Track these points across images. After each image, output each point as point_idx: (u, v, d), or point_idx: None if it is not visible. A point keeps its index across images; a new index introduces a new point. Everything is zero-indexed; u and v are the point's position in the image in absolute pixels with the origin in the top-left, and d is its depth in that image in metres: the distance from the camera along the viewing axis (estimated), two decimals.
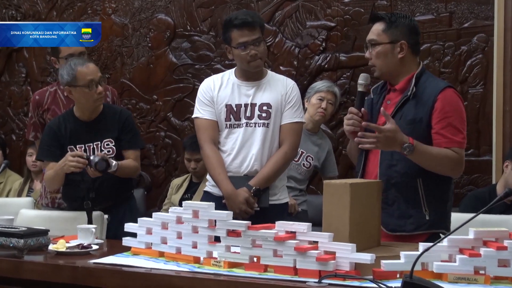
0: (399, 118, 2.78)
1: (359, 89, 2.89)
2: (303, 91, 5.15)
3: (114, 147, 3.51)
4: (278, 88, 3.34)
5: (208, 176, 3.40)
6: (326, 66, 5.22)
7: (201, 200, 3.41)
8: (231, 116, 3.30)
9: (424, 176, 2.75)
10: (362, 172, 2.90)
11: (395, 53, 2.83)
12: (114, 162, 3.37)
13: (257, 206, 3.21)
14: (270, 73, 3.42)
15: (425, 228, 2.76)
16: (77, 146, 3.49)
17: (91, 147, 3.50)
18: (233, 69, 3.41)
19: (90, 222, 3.30)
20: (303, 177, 4.29)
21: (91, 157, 3.29)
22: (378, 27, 2.87)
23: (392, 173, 2.79)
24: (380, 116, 2.84)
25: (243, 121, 3.30)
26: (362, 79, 2.88)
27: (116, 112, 3.60)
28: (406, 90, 2.82)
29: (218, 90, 3.34)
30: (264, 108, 3.29)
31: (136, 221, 2.58)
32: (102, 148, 3.49)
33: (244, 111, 3.30)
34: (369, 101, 2.94)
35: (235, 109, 3.31)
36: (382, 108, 2.74)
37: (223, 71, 3.52)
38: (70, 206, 3.60)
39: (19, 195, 5.45)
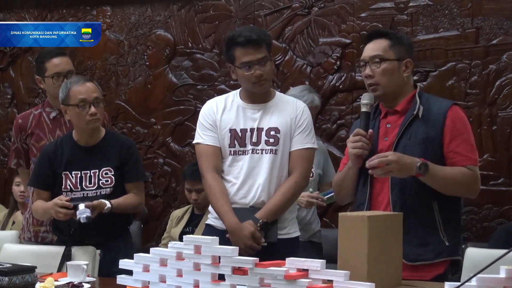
0: (408, 138, 2.87)
1: (363, 109, 2.96)
2: (316, 114, 5.17)
3: (113, 177, 3.54)
4: (287, 111, 3.34)
5: (210, 208, 3.39)
6: (340, 86, 5.24)
7: (203, 234, 3.40)
8: (236, 142, 3.30)
9: (439, 198, 2.83)
10: (368, 203, 2.93)
11: (400, 71, 2.94)
12: (107, 206, 3.42)
13: (264, 241, 3.20)
14: (278, 95, 3.42)
15: (446, 254, 2.83)
16: (73, 172, 3.52)
17: (88, 174, 3.52)
18: (238, 90, 3.42)
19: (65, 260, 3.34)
20: (313, 188, 4.28)
21: (78, 211, 3.33)
22: (382, 43, 2.95)
23: (406, 198, 2.84)
24: (380, 142, 2.93)
25: (249, 147, 3.30)
26: (366, 98, 2.96)
27: (119, 140, 3.65)
28: (409, 110, 2.91)
29: (221, 113, 3.34)
30: (272, 133, 3.30)
31: (131, 258, 2.58)
32: (100, 177, 3.52)
33: (250, 136, 3.30)
34: None
35: (240, 134, 3.31)
36: (367, 163, 2.80)
37: (227, 92, 3.54)
38: (59, 239, 3.61)
39: (3, 228, 5.44)
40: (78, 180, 3.52)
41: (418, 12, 5.04)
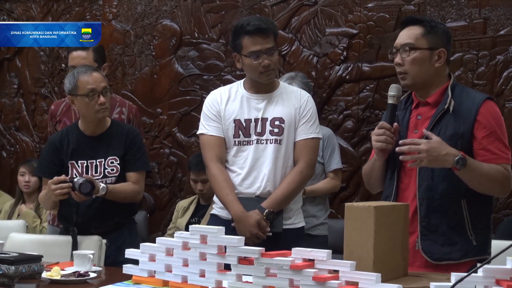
0: (438, 133, 2.76)
1: (390, 101, 2.86)
2: (322, 105, 5.18)
3: (118, 166, 3.53)
4: (292, 101, 3.34)
5: (215, 198, 3.39)
6: (347, 77, 5.23)
7: (208, 224, 3.40)
8: (240, 132, 3.31)
9: (468, 196, 2.73)
10: (395, 196, 2.85)
11: (432, 61, 2.82)
12: (102, 185, 3.39)
13: (269, 230, 3.20)
14: (282, 85, 3.42)
15: (473, 254, 2.74)
16: (79, 162, 3.53)
17: (94, 164, 3.52)
18: (242, 81, 3.42)
19: (75, 248, 3.32)
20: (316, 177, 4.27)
21: (75, 179, 3.32)
22: (415, 30, 2.84)
23: (434, 195, 2.75)
24: (409, 134, 2.84)
25: (254, 137, 3.30)
26: (393, 90, 2.86)
27: (124, 129, 3.64)
28: (441, 103, 2.81)
29: (225, 103, 3.34)
30: (276, 123, 3.30)
31: (137, 247, 2.59)
32: (106, 166, 3.52)
33: (255, 126, 3.30)
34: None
35: (244, 124, 3.31)
36: (424, 130, 2.69)
37: (234, 82, 3.53)
38: (65, 227, 3.62)
39: (10, 217, 5.46)
40: (84, 169, 3.52)
41: (425, 2, 5.02)
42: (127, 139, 3.58)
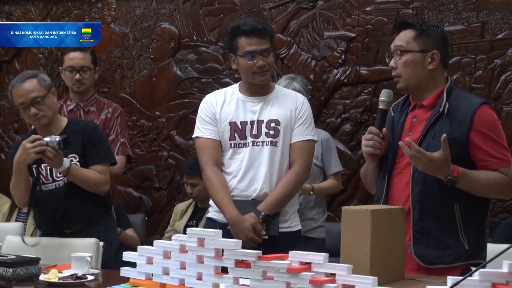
0: (432, 137, 2.76)
1: (380, 106, 2.88)
2: (321, 108, 5.18)
3: (78, 163, 3.53)
4: (287, 103, 3.35)
5: (211, 201, 3.40)
6: (345, 80, 5.24)
7: (204, 227, 3.40)
8: (236, 135, 3.31)
9: (460, 200, 2.74)
10: (385, 197, 2.87)
11: (425, 64, 2.83)
12: (65, 159, 3.39)
13: (264, 233, 3.20)
14: (277, 88, 3.44)
15: (465, 258, 2.74)
16: (42, 165, 3.53)
17: None
18: (237, 84, 3.44)
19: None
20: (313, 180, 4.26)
21: (47, 139, 3.33)
22: (407, 34, 2.85)
23: (427, 199, 2.75)
24: (404, 136, 2.84)
25: (249, 139, 3.30)
26: (384, 95, 2.88)
27: (80, 126, 3.63)
28: (436, 106, 2.81)
29: (221, 106, 3.35)
30: (272, 125, 3.31)
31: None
32: None
33: (250, 128, 3.31)
34: (389, 119, 2.92)
35: (240, 126, 3.32)
36: (443, 136, 2.65)
37: (232, 85, 3.54)
38: (44, 233, 3.65)
39: (8, 220, 5.45)
40: (49, 172, 3.53)
41: (423, 6, 5.03)
42: (84, 135, 3.57)
